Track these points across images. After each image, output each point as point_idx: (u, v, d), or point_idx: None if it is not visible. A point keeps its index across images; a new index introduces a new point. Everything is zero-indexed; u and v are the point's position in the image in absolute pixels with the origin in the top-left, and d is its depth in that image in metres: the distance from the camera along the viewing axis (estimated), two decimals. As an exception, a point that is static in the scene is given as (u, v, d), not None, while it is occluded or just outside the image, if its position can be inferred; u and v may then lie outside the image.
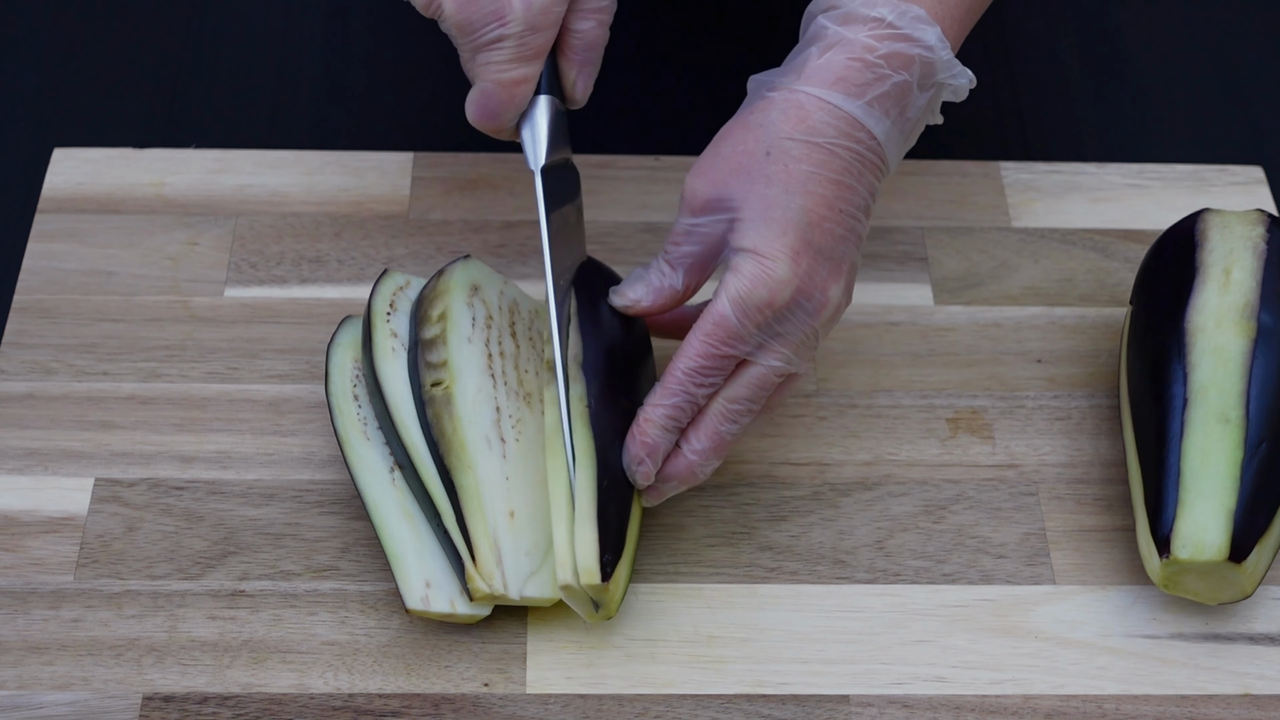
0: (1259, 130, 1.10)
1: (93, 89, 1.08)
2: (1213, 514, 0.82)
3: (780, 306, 0.81)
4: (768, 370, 0.82)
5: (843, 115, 0.82)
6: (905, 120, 0.83)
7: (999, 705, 0.83)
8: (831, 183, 0.81)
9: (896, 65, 0.82)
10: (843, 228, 0.82)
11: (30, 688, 0.82)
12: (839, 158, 0.82)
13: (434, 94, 1.09)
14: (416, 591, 0.83)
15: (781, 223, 0.81)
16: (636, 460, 0.82)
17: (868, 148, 0.82)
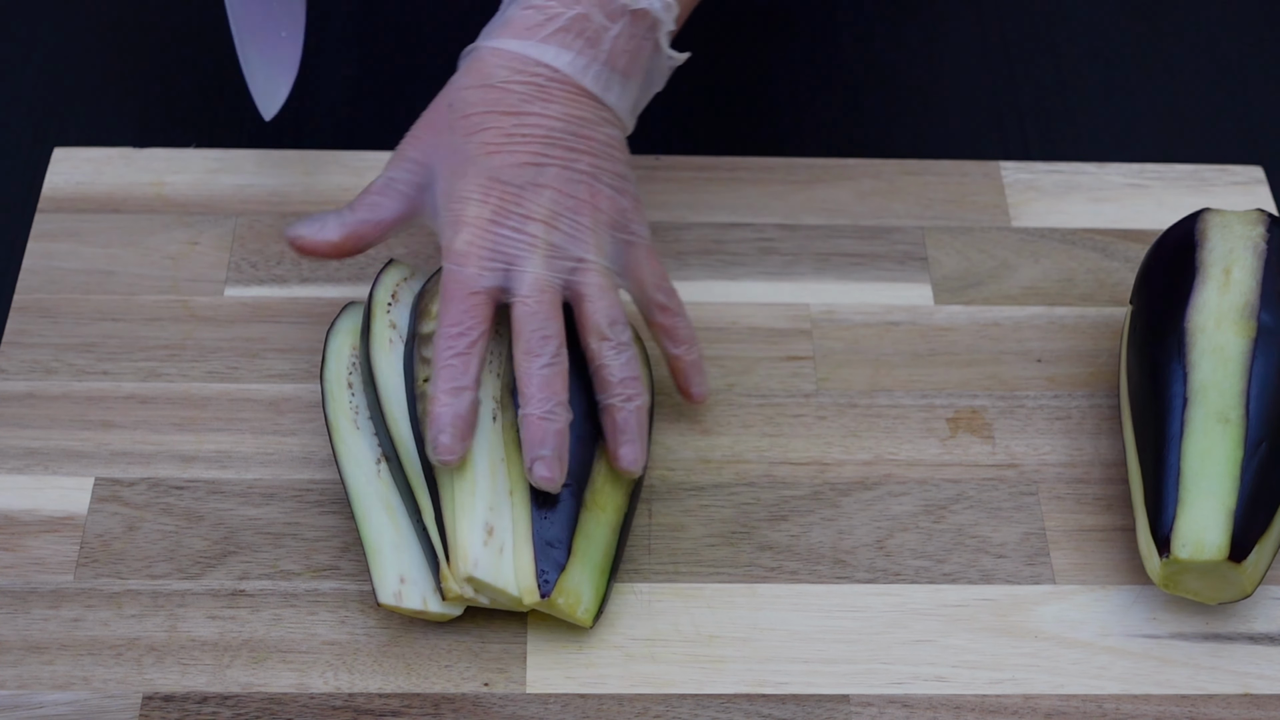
0: (1259, 130, 1.10)
1: (93, 89, 1.08)
2: (1213, 514, 0.82)
3: (486, 239, 0.84)
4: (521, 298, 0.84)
5: (515, 56, 0.86)
6: (599, 51, 0.86)
7: (999, 705, 0.83)
8: (507, 115, 0.86)
9: (569, 2, 0.86)
10: (531, 148, 0.85)
11: (30, 687, 0.82)
12: (513, 93, 0.86)
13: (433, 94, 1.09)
14: (390, 586, 0.83)
15: (463, 165, 0.85)
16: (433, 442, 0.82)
17: (549, 79, 0.86)
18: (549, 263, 0.85)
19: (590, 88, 0.87)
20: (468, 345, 0.84)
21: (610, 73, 0.87)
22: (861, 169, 1.04)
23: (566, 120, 0.86)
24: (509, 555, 0.82)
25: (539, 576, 0.82)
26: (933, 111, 1.11)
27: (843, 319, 0.97)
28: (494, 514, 0.83)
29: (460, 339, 0.84)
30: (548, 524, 0.83)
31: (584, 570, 0.83)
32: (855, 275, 0.99)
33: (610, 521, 0.85)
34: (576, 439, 0.84)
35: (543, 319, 0.84)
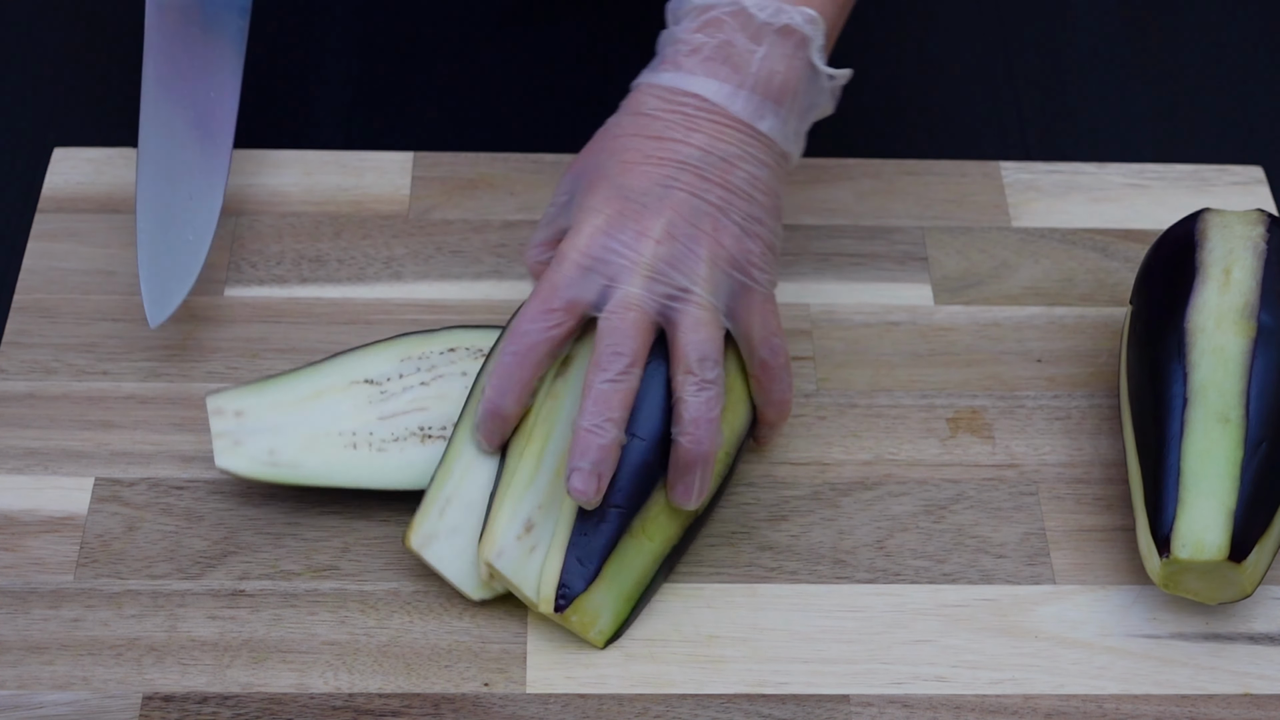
0: (1259, 130, 1.10)
1: (93, 89, 1.08)
2: (1213, 514, 0.82)
3: (594, 248, 0.83)
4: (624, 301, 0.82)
5: (665, 89, 0.86)
6: (746, 76, 0.85)
7: (999, 705, 0.83)
8: (649, 139, 0.85)
9: (711, 32, 0.86)
10: (667, 169, 0.84)
11: (30, 687, 0.81)
12: (659, 119, 0.86)
13: (434, 94, 1.09)
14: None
15: (595, 179, 0.86)
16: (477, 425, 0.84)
17: (696, 108, 0.85)
18: (647, 284, 0.83)
19: (740, 115, 0.85)
20: (527, 348, 0.83)
21: (762, 99, 0.85)
22: (861, 169, 1.04)
23: (707, 151, 0.85)
24: (537, 557, 0.82)
25: (559, 589, 0.81)
26: (933, 111, 1.11)
27: (843, 319, 0.97)
28: (541, 513, 0.83)
29: (521, 339, 0.83)
30: (585, 541, 0.82)
31: (608, 593, 0.82)
32: (855, 275, 0.99)
33: (655, 551, 0.83)
34: (639, 464, 0.83)
35: (620, 335, 0.82)
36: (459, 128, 1.07)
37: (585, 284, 0.83)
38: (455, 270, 0.98)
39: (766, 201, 0.86)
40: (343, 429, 0.87)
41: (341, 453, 0.86)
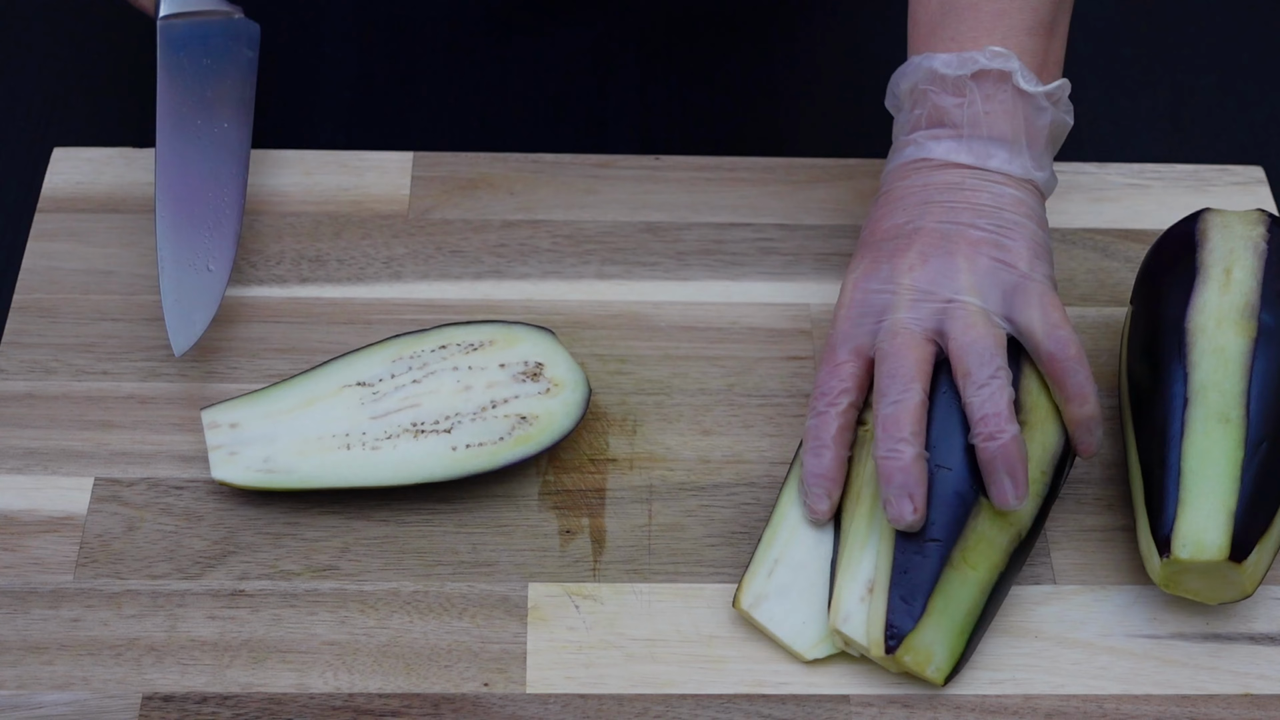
0: (1259, 130, 1.10)
1: (93, 89, 1.08)
2: (1213, 514, 0.82)
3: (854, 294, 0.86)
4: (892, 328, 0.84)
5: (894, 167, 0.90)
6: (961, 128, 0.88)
7: (999, 705, 0.83)
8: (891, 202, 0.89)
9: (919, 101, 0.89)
10: (906, 216, 0.87)
11: (30, 687, 0.81)
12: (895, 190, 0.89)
13: (434, 94, 1.09)
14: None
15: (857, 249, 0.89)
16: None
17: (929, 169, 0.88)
18: (913, 306, 0.84)
19: (969, 162, 0.88)
20: (825, 405, 0.85)
21: (984, 142, 0.88)
22: (861, 169, 1.04)
23: (947, 187, 0.87)
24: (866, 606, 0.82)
25: (887, 630, 0.80)
26: (933, 111, 1.11)
27: (843, 319, 0.97)
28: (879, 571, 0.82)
29: (819, 399, 0.85)
30: (907, 578, 0.81)
31: (938, 629, 0.81)
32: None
33: (981, 580, 0.82)
34: (949, 494, 0.82)
35: (892, 359, 0.83)
36: (459, 128, 1.07)
37: (859, 330, 0.85)
38: (455, 270, 0.98)
39: (1020, 209, 0.87)
40: (336, 431, 0.87)
41: (335, 454, 0.87)
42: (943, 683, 0.81)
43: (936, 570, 0.81)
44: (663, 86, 1.11)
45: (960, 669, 0.82)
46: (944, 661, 0.81)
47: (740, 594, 0.84)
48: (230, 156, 0.94)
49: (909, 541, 0.81)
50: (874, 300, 0.86)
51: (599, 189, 1.02)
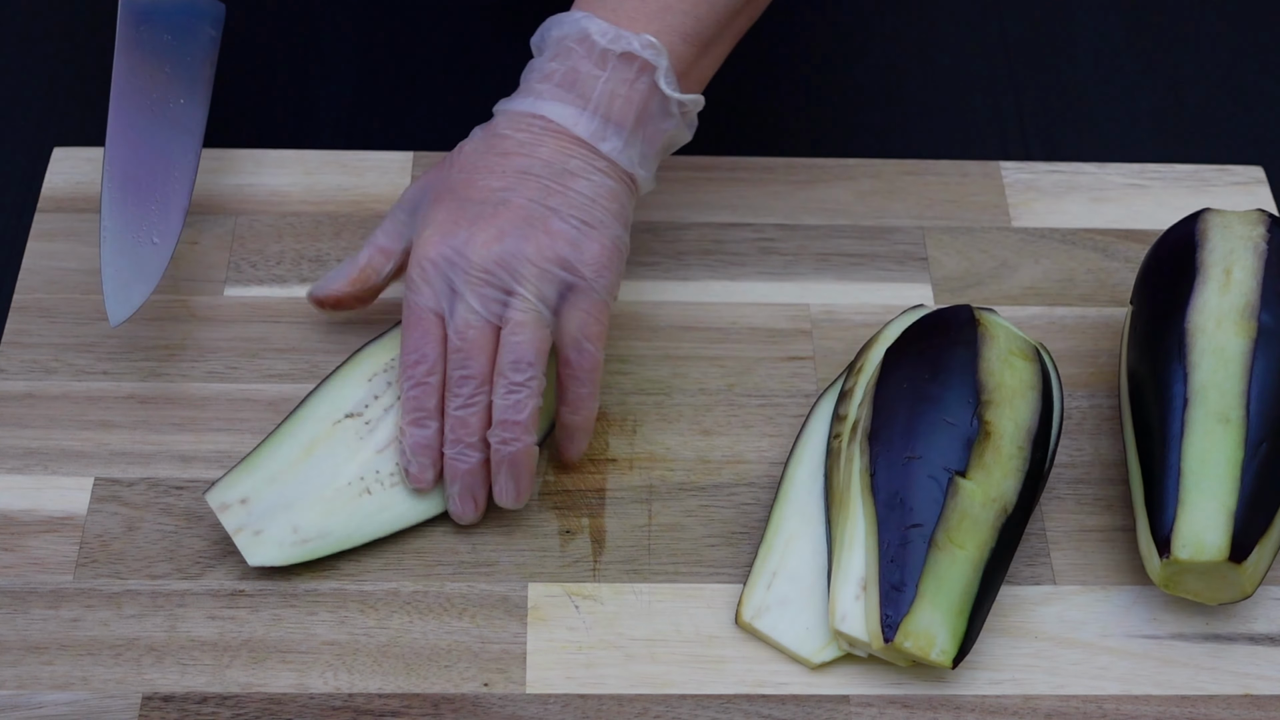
0: (1259, 130, 1.10)
1: (93, 89, 1.08)
2: (1213, 514, 0.82)
3: (434, 256, 0.85)
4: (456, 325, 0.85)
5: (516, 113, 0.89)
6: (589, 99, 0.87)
7: (999, 705, 0.83)
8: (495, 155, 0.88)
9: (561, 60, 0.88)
10: (503, 181, 0.87)
11: (30, 687, 0.81)
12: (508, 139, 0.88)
13: (434, 94, 1.09)
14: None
15: (439, 192, 0.88)
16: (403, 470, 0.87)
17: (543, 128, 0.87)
18: (481, 294, 0.85)
19: (584, 136, 0.87)
20: (424, 373, 0.86)
21: (604, 122, 0.87)
22: (861, 169, 1.04)
23: (550, 163, 0.87)
24: (862, 604, 0.82)
25: (883, 619, 0.81)
26: (933, 111, 1.11)
27: (843, 319, 0.97)
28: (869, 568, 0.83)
29: (416, 366, 0.86)
30: (895, 567, 0.81)
31: (934, 610, 0.81)
32: (855, 275, 0.99)
33: (972, 559, 0.82)
34: (924, 479, 0.83)
35: (467, 359, 0.85)
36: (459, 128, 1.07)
37: (437, 295, 0.86)
38: (455, 270, 0.98)
39: (612, 208, 0.87)
40: (349, 478, 0.87)
41: (359, 503, 0.86)
42: (950, 665, 0.81)
43: (923, 554, 0.81)
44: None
45: (967, 650, 0.82)
46: (947, 643, 0.81)
47: (741, 608, 0.84)
48: (183, 133, 0.94)
49: (892, 533, 0.82)
50: (446, 267, 0.85)
51: (599, 189, 1.02)
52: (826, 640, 0.84)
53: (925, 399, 0.85)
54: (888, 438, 0.84)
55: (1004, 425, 0.84)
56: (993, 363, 0.86)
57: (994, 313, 0.90)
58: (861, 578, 0.82)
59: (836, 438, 0.88)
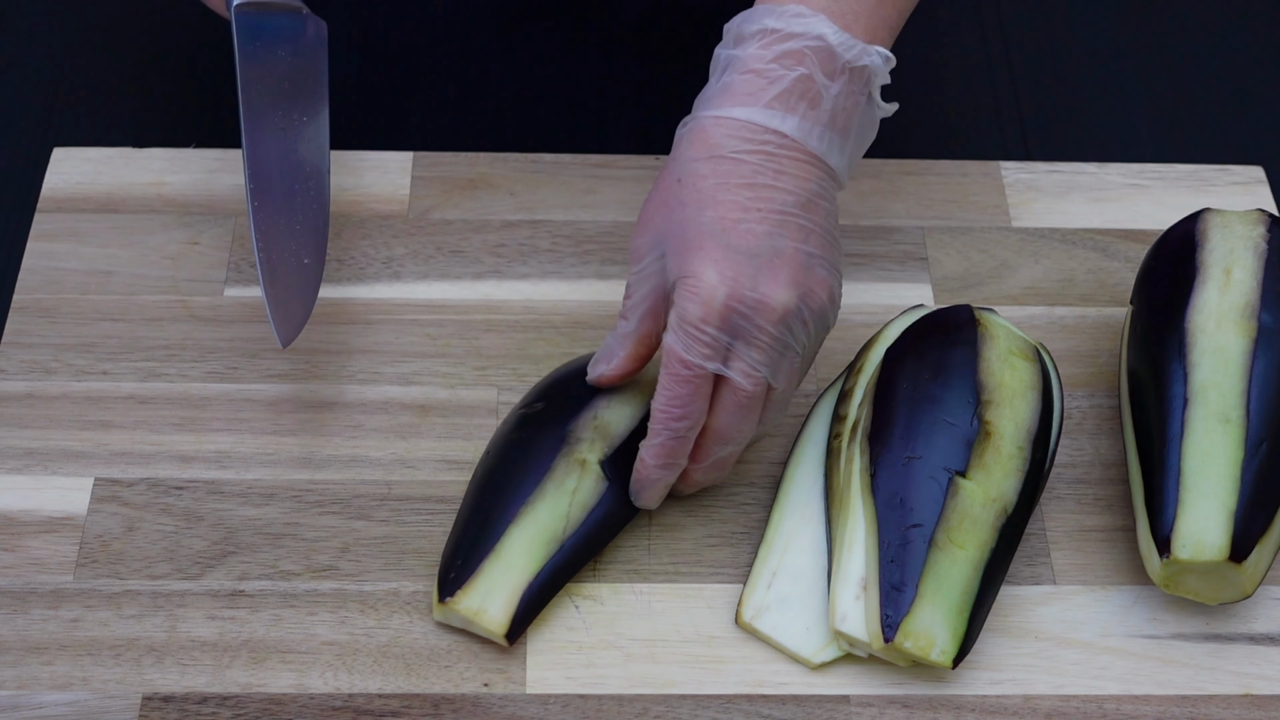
0: (1259, 130, 1.10)
1: (93, 89, 1.08)
2: (1213, 514, 0.82)
3: (718, 315, 0.81)
4: (738, 387, 0.82)
5: (742, 124, 0.83)
6: (821, 111, 0.83)
7: (999, 705, 0.83)
8: (742, 187, 0.82)
9: (789, 64, 0.83)
10: (767, 225, 0.82)
11: (30, 688, 0.81)
12: (746, 164, 0.83)
13: (434, 94, 1.09)
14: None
15: (697, 238, 0.82)
16: (633, 494, 0.86)
17: (779, 146, 0.83)
18: (768, 354, 0.82)
19: (816, 150, 0.83)
20: (686, 430, 0.83)
21: (833, 133, 0.84)
22: (861, 169, 1.04)
23: (798, 194, 0.83)
24: (862, 604, 0.82)
25: (883, 620, 0.80)
26: (933, 111, 1.11)
27: (843, 319, 0.97)
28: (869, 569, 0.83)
29: (680, 423, 0.83)
30: (895, 568, 0.81)
31: (935, 610, 0.81)
32: (855, 275, 0.99)
33: (972, 559, 0.82)
34: (924, 479, 0.83)
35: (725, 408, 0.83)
36: (459, 128, 1.07)
37: (705, 354, 0.82)
38: (455, 270, 0.98)
39: (838, 234, 0.85)
40: None
41: None
42: (951, 665, 0.81)
43: (923, 554, 0.81)
44: (663, 86, 1.11)
45: (967, 650, 0.82)
46: (948, 644, 0.81)
47: (742, 608, 0.84)
48: (313, 150, 0.93)
49: (893, 533, 0.82)
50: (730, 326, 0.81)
51: (599, 189, 1.02)
52: (826, 640, 0.84)
53: (925, 399, 0.85)
54: (888, 438, 0.84)
55: (1004, 425, 0.84)
56: (993, 363, 0.86)
57: (994, 313, 0.90)
58: (862, 578, 0.82)
59: (836, 438, 0.88)
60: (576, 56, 1.12)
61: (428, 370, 0.94)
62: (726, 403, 0.83)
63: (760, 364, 0.82)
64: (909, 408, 0.85)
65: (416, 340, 0.95)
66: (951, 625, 0.81)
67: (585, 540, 0.85)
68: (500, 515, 0.84)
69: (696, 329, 0.81)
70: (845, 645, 0.83)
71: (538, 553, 0.84)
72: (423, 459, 0.90)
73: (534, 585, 0.83)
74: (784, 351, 0.83)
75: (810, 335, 0.84)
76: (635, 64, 1.12)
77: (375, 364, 0.94)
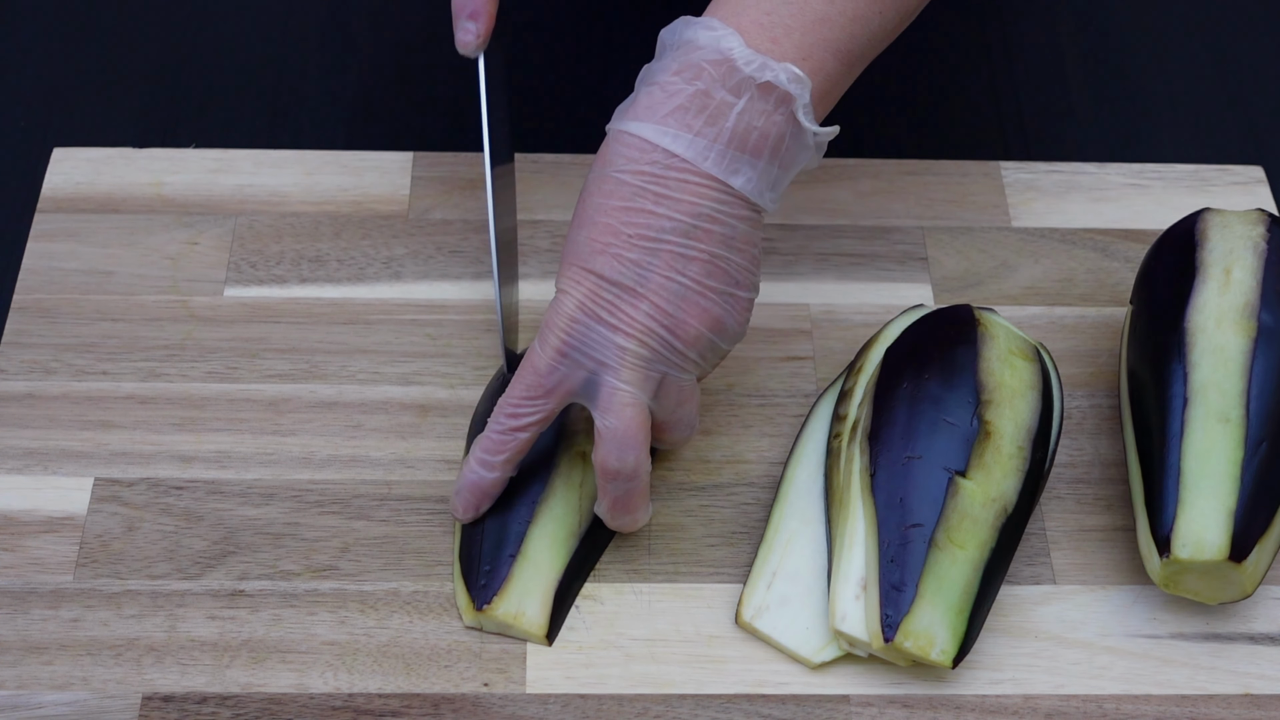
0: (1259, 130, 1.10)
1: (93, 89, 1.08)
2: (1213, 514, 0.82)
3: (571, 332, 0.81)
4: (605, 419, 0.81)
5: (635, 140, 0.81)
6: (721, 130, 0.80)
7: (999, 705, 0.83)
8: (618, 210, 0.81)
9: (689, 78, 0.81)
10: (635, 252, 0.81)
11: (30, 688, 0.81)
12: (627, 185, 0.81)
13: (434, 94, 1.09)
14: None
15: (568, 257, 0.82)
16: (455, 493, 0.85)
17: (666, 166, 0.80)
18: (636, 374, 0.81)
19: (712, 171, 0.80)
20: (514, 429, 0.83)
21: (737, 154, 0.80)
22: (861, 169, 1.04)
23: (678, 220, 0.80)
24: (862, 604, 0.82)
25: (883, 619, 0.80)
26: (933, 111, 1.11)
27: (843, 319, 0.97)
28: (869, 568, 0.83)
29: (511, 419, 0.83)
30: (895, 567, 0.81)
31: (934, 610, 0.81)
32: (855, 275, 0.99)
33: (972, 559, 0.82)
34: (924, 479, 0.83)
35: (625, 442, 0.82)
36: (459, 128, 1.07)
37: (569, 372, 0.82)
38: (455, 270, 0.98)
39: (747, 253, 0.83)
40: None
41: None
42: (950, 665, 0.81)
43: (923, 554, 0.81)
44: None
45: (967, 650, 0.82)
46: (948, 643, 0.81)
47: (741, 608, 0.84)
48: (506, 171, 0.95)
49: (893, 533, 0.82)
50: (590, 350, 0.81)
51: (599, 189, 1.02)
52: (826, 640, 0.84)
53: (925, 399, 0.85)
54: (888, 438, 0.84)
55: (1004, 425, 0.84)
56: (993, 363, 0.86)
57: (994, 313, 0.90)
58: (861, 578, 0.82)
59: (836, 438, 0.88)
60: (576, 56, 1.12)
61: (428, 370, 0.94)
62: (602, 434, 0.82)
63: (627, 384, 0.81)
64: (909, 407, 0.85)
65: (416, 340, 0.95)
66: (951, 625, 0.81)
67: (600, 531, 0.86)
68: (516, 516, 0.85)
69: (550, 347, 0.81)
70: (845, 645, 0.83)
71: (560, 550, 0.85)
72: (423, 459, 0.90)
73: (563, 582, 0.84)
74: (655, 377, 0.82)
75: (693, 363, 0.83)
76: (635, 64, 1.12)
77: (375, 364, 0.94)
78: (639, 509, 0.85)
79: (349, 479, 0.89)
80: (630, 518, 0.85)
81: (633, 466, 0.82)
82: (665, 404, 0.83)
